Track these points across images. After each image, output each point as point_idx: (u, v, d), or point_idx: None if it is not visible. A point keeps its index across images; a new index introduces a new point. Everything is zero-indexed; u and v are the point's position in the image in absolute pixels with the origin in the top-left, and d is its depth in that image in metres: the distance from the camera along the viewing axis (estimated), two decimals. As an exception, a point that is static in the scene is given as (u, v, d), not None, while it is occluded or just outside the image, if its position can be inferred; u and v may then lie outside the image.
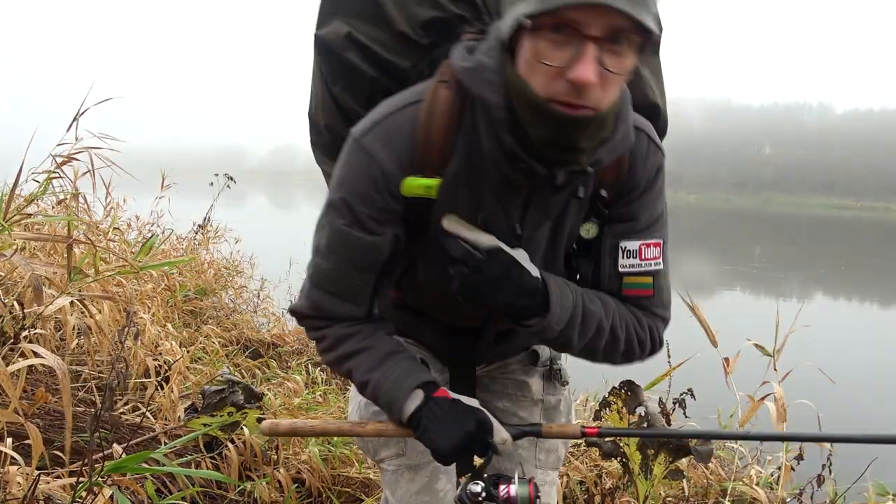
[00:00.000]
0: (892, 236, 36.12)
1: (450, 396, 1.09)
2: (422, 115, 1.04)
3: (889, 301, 12.84)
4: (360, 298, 1.12)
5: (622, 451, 1.95)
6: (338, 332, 1.13)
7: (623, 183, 1.11)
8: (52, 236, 2.26)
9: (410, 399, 1.08)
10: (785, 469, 2.28)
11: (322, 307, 1.12)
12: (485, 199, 1.07)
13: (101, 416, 1.26)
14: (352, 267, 1.08)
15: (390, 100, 1.09)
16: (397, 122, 1.05)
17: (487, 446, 1.07)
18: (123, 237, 4.51)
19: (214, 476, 1.97)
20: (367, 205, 1.05)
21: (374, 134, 1.05)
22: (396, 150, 1.04)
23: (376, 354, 1.12)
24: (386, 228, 1.07)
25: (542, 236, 1.13)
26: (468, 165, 1.05)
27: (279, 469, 2.35)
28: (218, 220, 6.66)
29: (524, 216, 1.08)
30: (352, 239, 1.06)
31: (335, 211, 1.07)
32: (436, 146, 1.04)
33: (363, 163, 1.05)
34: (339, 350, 1.13)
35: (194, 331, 3.96)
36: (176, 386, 2.58)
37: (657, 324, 1.18)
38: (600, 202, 1.12)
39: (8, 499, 1.47)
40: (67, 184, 3.43)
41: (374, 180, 1.04)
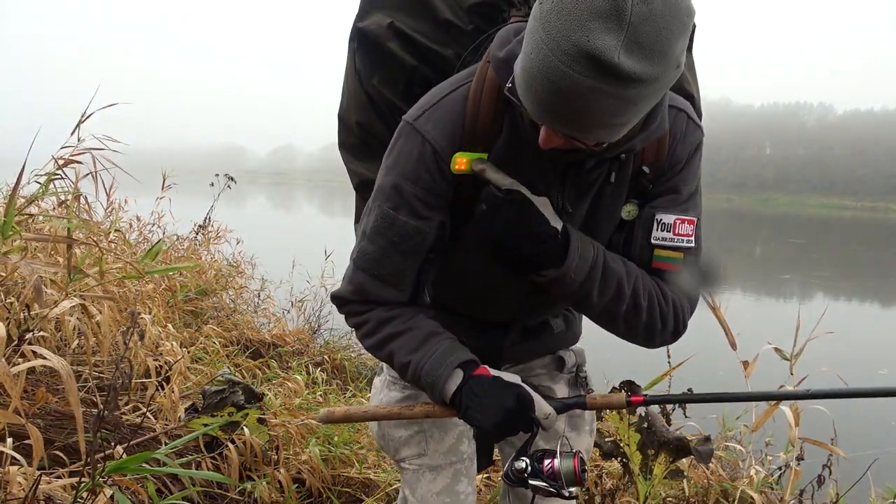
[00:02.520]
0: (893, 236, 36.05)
1: (490, 374, 1.09)
2: (471, 94, 1.07)
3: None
4: (403, 283, 1.13)
5: (622, 451, 1.95)
6: (380, 316, 1.14)
7: (664, 160, 1.13)
8: (54, 237, 2.26)
9: (451, 379, 1.08)
10: (794, 474, 2.27)
11: (365, 290, 1.13)
12: (529, 175, 1.08)
13: (103, 416, 1.26)
14: (396, 251, 1.10)
15: (441, 85, 1.11)
16: (448, 103, 1.08)
17: (531, 422, 1.07)
18: (125, 238, 4.51)
19: (215, 477, 1.97)
20: (417, 185, 1.07)
21: (427, 116, 1.08)
22: (447, 127, 1.06)
23: (417, 336, 1.12)
24: (433, 213, 1.09)
25: (580, 214, 1.14)
26: (513, 142, 1.07)
27: (279, 469, 2.35)
28: (218, 220, 6.67)
29: (563, 193, 1.10)
30: (398, 223, 1.08)
31: (383, 195, 1.10)
32: (484, 123, 1.06)
33: (416, 143, 1.07)
34: (381, 333, 1.14)
35: (195, 331, 3.96)
36: (176, 386, 2.58)
37: (682, 303, 1.16)
38: (644, 178, 1.13)
39: (8, 499, 1.47)
40: (69, 185, 3.44)
41: (425, 158, 1.06)
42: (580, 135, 0.90)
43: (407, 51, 1.17)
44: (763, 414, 2.43)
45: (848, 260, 20.03)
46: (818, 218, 57.64)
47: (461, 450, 1.34)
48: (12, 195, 1.80)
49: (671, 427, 2.19)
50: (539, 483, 1.06)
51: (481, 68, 1.08)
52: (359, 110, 1.25)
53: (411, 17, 1.17)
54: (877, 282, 14.80)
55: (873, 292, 12.93)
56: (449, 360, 1.09)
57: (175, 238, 5.95)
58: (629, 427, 1.90)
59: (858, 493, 2.58)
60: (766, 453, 3.00)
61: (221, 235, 6.64)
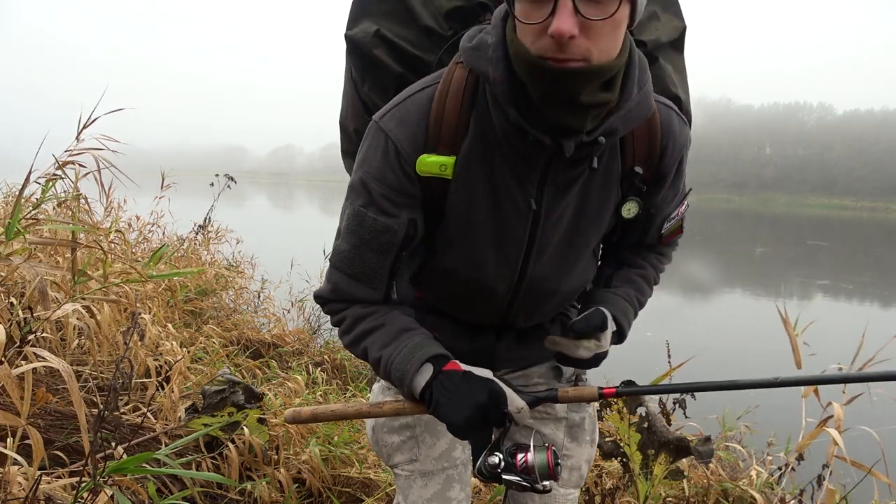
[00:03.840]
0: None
1: (461, 369, 1.07)
2: (437, 94, 1.07)
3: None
4: (377, 282, 1.12)
5: (622, 451, 1.95)
6: (356, 312, 1.14)
7: (656, 156, 1.12)
8: (59, 240, 2.26)
9: (420, 373, 1.07)
10: (829, 494, 2.23)
11: (341, 289, 1.14)
12: (498, 177, 1.08)
13: (104, 416, 1.26)
14: (367, 249, 1.09)
15: (411, 85, 1.11)
16: (413, 103, 1.07)
17: (503, 416, 1.05)
18: (125, 238, 4.51)
19: (215, 477, 1.97)
20: (382, 183, 1.07)
21: (392, 114, 1.08)
22: (411, 127, 1.06)
23: (390, 331, 1.12)
24: (401, 211, 1.08)
25: (565, 213, 1.13)
26: (482, 143, 1.06)
27: (279, 469, 2.35)
28: (218, 220, 6.67)
29: (541, 192, 1.08)
30: (366, 220, 1.08)
31: (354, 192, 1.10)
32: (449, 124, 1.05)
33: (380, 142, 1.07)
34: (356, 330, 1.14)
35: (195, 331, 3.96)
36: (176, 386, 2.58)
37: (668, 251, 1.33)
38: (637, 179, 1.13)
39: (9, 499, 1.47)
40: (69, 185, 3.44)
41: (388, 157, 1.06)
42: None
43: (393, 58, 1.19)
44: (809, 434, 2.36)
45: (880, 263, 19.28)
46: (816, 218, 57.57)
47: (454, 455, 1.33)
48: (18, 198, 1.80)
49: (672, 427, 2.19)
50: (512, 478, 1.06)
51: (449, 70, 1.08)
52: (355, 118, 1.27)
53: (397, 24, 1.19)
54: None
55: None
56: (418, 354, 1.08)
57: (175, 238, 5.95)
58: (629, 427, 1.90)
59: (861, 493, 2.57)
60: (766, 453, 3.00)
61: (221, 235, 6.64)
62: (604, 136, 1.01)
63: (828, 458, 2.31)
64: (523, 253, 1.15)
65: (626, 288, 1.26)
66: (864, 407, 2.45)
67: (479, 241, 1.13)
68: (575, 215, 1.13)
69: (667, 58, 1.22)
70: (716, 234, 28.18)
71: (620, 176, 1.12)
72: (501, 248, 1.14)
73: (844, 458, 2.30)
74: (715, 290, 12.15)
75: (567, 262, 1.20)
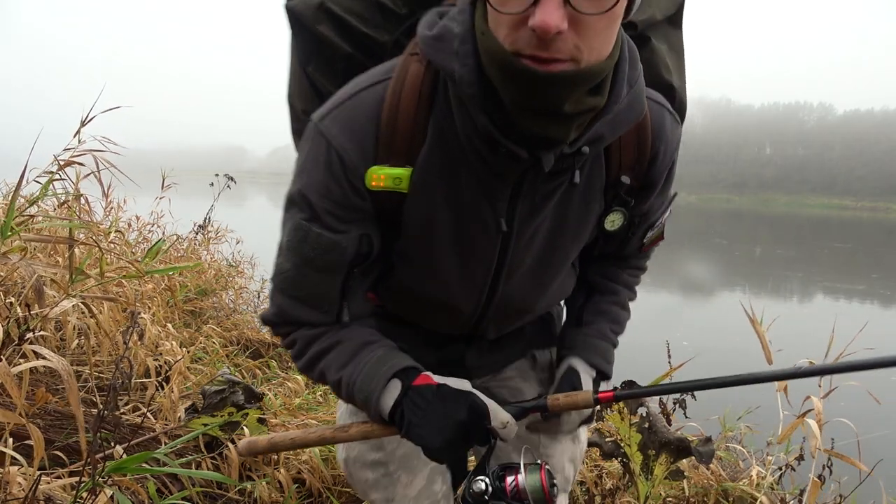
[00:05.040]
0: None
1: (433, 382, 0.94)
2: (389, 95, 0.90)
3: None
4: (326, 304, 0.98)
5: (623, 452, 1.95)
6: (306, 335, 1.01)
7: (648, 166, 0.99)
8: (56, 238, 2.26)
9: (387, 392, 0.93)
10: (813, 485, 2.23)
11: (286, 313, 1.00)
12: (463, 192, 0.93)
13: (104, 416, 1.26)
14: (312, 269, 0.95)
15: (357, 78, 0.94)
16: (361, 103, 0.90)
17: (486, 434, 0.92)
18: (125, 238, 4.51)
19: (215, 477, 1.97)
20: (325, 198, 0.91)
21: (334, 117, 0.91)
22: (358, 135, 0.89)
23: (348, 348, 0.98)
24: (349, 226, 0.93)
25: (540, 230, 0.99)
26: (443, 152, 0.91)
27: (279, 469, 2.35)
28: (218, 220, 6.67)
29: (513, 209, 0.94)
30: (311, 236, 0.92)
31: (294, 205, 0.94)
32: (404, 130, 0.89)
33: (321, 150, 0.90)
34: (310, 352, 1.01)
35: (195, 331, 3.96)
36: (176, 386, 2.58)
37: (643, 263, 1.21)
38: (622, 190, 0.99)
39: (8, 499, 1.47)
40: (69, 185, 3.45)
41: (333, 170, 0.90)
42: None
43: (340, 35, 1.00)
44: (789, 426, 2.38)
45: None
46: (817, 218, 57.54)
47: (434, 489, 1.19)
48: (14, 196, 1.80)
49: (672, 427, 2.19)
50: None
51: (402, 63, 0.91)
52: (303, 98, 1.09)
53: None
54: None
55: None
56: (383, 370, 0.94)
57: (175, 238, 5.95)
58: (630, 427, 1.90)
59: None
60: (766, 453, 3.00)
61: (221, 235, 6.64)
62: (588, 145, 0.86)
63: (811, 450, 2.33)
64: (492, 273, 1.02)
65: (600, 323, 1.15)
66: (844, 399, 2.47)
67: (440, 260, 1.00)
68: (551, 232, 1.01)
69: (661, 37, 1.05)
70: (737, 236, 27.73)
71: (604, 186, 0.99)
72: (467, 269, 1.01)
73: (825, 450, 2.33)
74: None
75: (542, 281, 1.08)
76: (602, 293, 1.18)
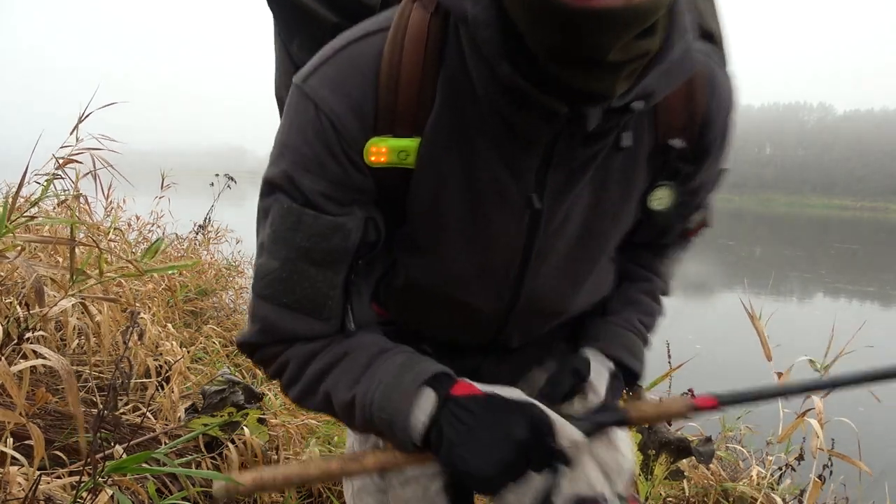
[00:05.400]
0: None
1: (479, 391, 0.75)
2: (387, 48, 0.73)
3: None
4: (327, 308, 0.79)
5: (623, 452, 1.95)
6: (301, 352, 0.81)
7: (702, 129, 0.82)
8: (56, 238, 2.27)
9: (417, 405, 0.74)
10: (814, 485, 2.24)
11: (274, 326, 0.79)
12: (482, 162, 0.76)
13: (104, 416, 1.26)
14: (307, 262, 0.76)
15: (345, 32, 0.78)
16: (354, 58, 0.74)
17: (550, 456, 0.72)
18: (124, 237, 4.52)
19: (215, 476, 1.97)
20: (319, 178, 0.74)
21: (322, 75, 0.74)
22: (354, 97, 0.73)
23: (358, 360, 0.79)
24: (352, 208, 0.77)
25: (575, 208, 0.81)
26: (455, 116, 0.75)
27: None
28: (218, 220, 6.67)
29: (542, 182, 0.77)
30: (304, 220, 0.75)
31: (277, 190, 0.76)
32: (409, 91, 0.73)
33: (307, 117, 0.74)
34: (308, 372, 0.80)
35: (195, 331, 3.96)
36: (176, 386, 2.59)
37: (681, 253, 1.02)
38: (673, 156, 0.82)
39: (8, 499, 1.47)
40: (69, 185, 3.45)
41: (325, 141, 0.73)
42: None
43: (324, 3, 0.86)
44: (790, 426, 2.38)
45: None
46: (818, 218, 57.54)
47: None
48: (15, 196, 1.80)
49: (672, 427, 2.19)
50: None
51: (401, 12, 0.75)
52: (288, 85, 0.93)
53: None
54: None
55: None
56: (408, 378, 0.75)
57: (175, 238, 5.96)
58: (630, 427, 1.90)
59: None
60: (766, 453, 3.00)
61: (221, 235, 6.65)
62: (640, 99, 0.69)
63: (812, 451, 2.33)
64: (517, 264, 0.83)
65: (628, 312, 0.97)
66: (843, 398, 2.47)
67: (454, 249, 0.82)
68: (589, 210, 0.82)
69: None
70: (740, 235, 27.72)
71: (650, 153, 0.81)
72: (486, 259, 0.83)
73: (828, 451, 2.33)
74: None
75: (578, 274, 0.89)
76: (632, 280, 1.01)
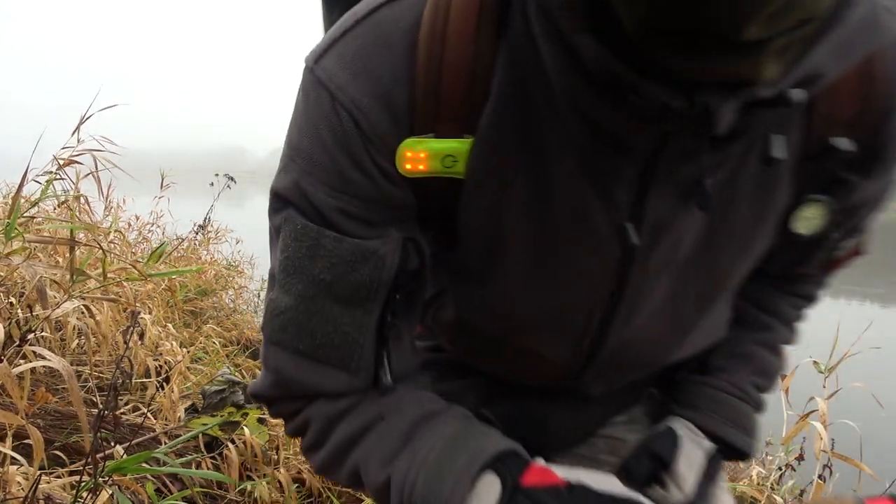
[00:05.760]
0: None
1: (559, 479, 0.56)
2: (428, 15, 0.53)
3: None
4: (355, 357, 0.60)
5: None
6: (325, 412, 0.63)
7: (880, 123, 0.56)
8: (59, 239, 2.27)
9: (476, 496, 0.55)
10: (816, 487, 2.24)
11: (291, 381, 0.62)
12: (555, 176, 0.55)
13: (104, 416, 1.26)
14: (330, 299, 0.58)
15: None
16: (380, 29, 0.54)
17: None
18: (125, 238, 4.52)
19: (215, 476, 1.97)
20: (339, 192, 0.56)
21: (338, 54, 0.54)
22: (382, 83, 0.53)
23: (397, 426, 0.61)
24: (384, 230, 0.58)
25: (685, 238, 0.59)
26: (520, 109, 0.54)
27: (280, 469, 2.35)
28: (218, 220, 6.68)
29: (642, 205, 0.55)
30: (324, 243, 0.57)
31: (287, 206, 0.59)
32: (457, 73, 0.53)
33: (322, 111, 0.54)
34: (335, 438, 0.63)
35: (195, 331, 3.96)
36: (176, 386, 2.59)
37: (818, 289, 0.78)
38: (834, 162, 0.57)
39: (8, 498, 1.47)
40: (69, 185, 3.45)
41: (344, 142, 0.54)
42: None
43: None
44: (794, 428, 2.39)
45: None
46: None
47: None
48: (16, 196, 1.80)
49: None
50: None
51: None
52: None
53: None
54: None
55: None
56: (461, 458, 0.57)
57: (178, 242, 5.97)
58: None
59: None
60: (766, 453, 3.00)
61: (221, 235, 6.65)
62: (801, 86, 0.44)
63: (815, 452, 2.33)
64: (602, 308, 0.63)
65: (739, 371, 0.74)
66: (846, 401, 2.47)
67: (515, 285, 0.63)
68: (706, 239, 0.60)
69: None
70: None
71: (800, 158, 0.57)
72: (559, 303, 0.63)
73: (833, 453, 2.33)
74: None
75: (685, 321, 0.67)
76: (746, 326, 0.76)
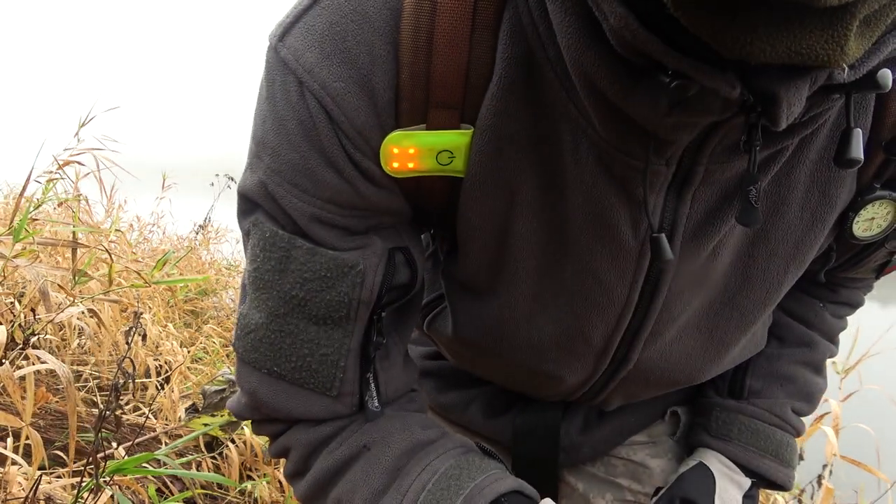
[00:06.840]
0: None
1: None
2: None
3: None
4: (336, 382, 0.53)
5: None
6: (305, 439, 0.56)
7: None
8: (63, 240, 2.27)
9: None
10: (826, 492, 2.23)
11: (265, 404, 0.55)
12: (571, 175, 0.47)
13: (105, 416, 1.27)
14: (304, 318, 0.52)
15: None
16: (355, 3, 0.45)
17: None
18: (126, 239, 4.52)
19: (216, 479, 1.98)
20: (308, 194, 0.48)
21: (306, 28, 0.45)
22: (359, 64, 0.45)
23: (383, 460, 0.53)
24: (365, 239, 0.51)
25: (726, 248, 0.52)
26: (528, 94, 0.45)
27: (280, 469, 2.35)
28: (218, 220, 6.68)
29: (673, 207, 0.47)
30: (296, 254, 0.50)
31: (255, 209, 0.53)
32: (451, 51, 0.44)
33: (288, 99, 0.46)
34: (316, 469, 0.56)
35: (195, 331, 3.97)
36: (177, 386, 2.59)
37: (862, 298, 0.72)
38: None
39: (9, 499, 1.47)
40: (69, 186, 3.46)
41: (315, 137, 0.46)
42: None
43: None
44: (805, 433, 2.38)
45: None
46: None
47: None
48: (19, 199, 1.81)
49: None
50: None
51: None
52: None
53: None
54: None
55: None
56: (460, 498, 0.50)
57: (175, 238, 5.97)
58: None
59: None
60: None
61: (221, 235, 6.65)
62: (889, 65, 0.38)
63: (826, 456, 2.32)
64: (625, 325, 0.55)
65: (778, 396, 0.67)
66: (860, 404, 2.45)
67: (523, 301, 0.56)
68: (749, 247, 0.53)
69: None
70: None
71: (869, 149, 0.49)
72: (574, 321, 0.56)
73: (842, 456, 2.31)
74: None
75: (722, 340, 0.60)
76: (785, 343, 0.69)
